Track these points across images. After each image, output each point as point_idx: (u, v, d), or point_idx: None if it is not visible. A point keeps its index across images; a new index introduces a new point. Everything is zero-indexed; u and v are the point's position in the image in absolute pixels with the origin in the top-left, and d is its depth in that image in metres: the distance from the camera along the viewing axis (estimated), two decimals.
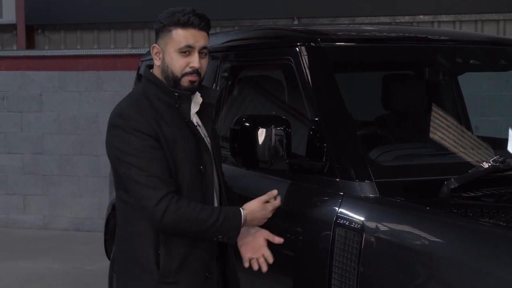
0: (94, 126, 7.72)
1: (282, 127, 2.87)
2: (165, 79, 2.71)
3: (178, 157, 2.65)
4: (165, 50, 2.69)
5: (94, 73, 7.68)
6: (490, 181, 2.79)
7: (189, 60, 2.67)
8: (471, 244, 2.31)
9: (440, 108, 3.80)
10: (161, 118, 2.64)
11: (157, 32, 2.74)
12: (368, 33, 3.56)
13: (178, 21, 2.66)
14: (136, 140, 2.58)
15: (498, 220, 2.44)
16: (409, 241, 2.43)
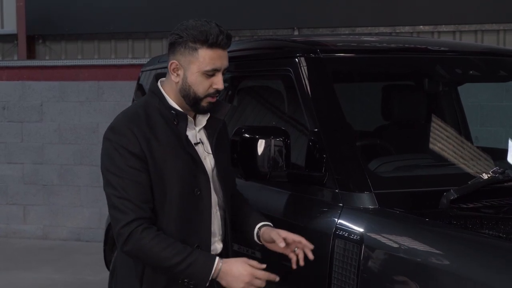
0: (94, 136, 7.72)
1: (282, 138, 2.87)
2: (183, 97, 2.59)
3: (167, 177, 2.53)
4: (187, 68, 2.56)
5: (94, 83, 7.69)
6: (490, 192, 2.79)
7: (213, 81, 2.57)
8: (471, 256, 2.30)
9: (440, 118, 3.80)
10: (153, 135, 2.54)
11: (174, 46, 2.58)
12: (368, 44, 3.57)
13: (206, 40, 2.52)
14: (119, 158, 2.48)
15: (498, 231, 2.43)
16: (408, 252, 2.42)
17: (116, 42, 8.12)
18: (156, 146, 2.53)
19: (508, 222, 2.59)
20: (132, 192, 2.47)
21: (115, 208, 2.47)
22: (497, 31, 7.12)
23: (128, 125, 2.52)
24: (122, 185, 2.47)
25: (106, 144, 2.55)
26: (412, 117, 3.72)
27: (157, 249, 2.44)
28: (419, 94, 3.74)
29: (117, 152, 2.49)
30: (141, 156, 2.49)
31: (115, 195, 2.47)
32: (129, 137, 2.50)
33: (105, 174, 2.52)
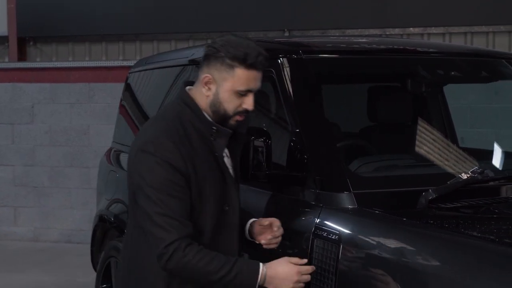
0: (85, 138, 7.72)
1: (263, 139, 2.88)
2: (212, 113, 2.54)
3: (205, 195, 2.50)
4: (221, 84, 2.51)
5: (85, 85, 7.69)
6: (469, 192, 2.80)
7: (244, 100, 2.53)
8: (448, 255, 2.31)
9: (424, 119, 3.81)
10: (194, 151, 2.49)
11: (210, 59, 2.53)
12: (351, 45, 3.58)
13: (244, 60, 2.48)
14: (163, 172, 2.42)
15: (475, 231, 2.45)
16: (385, 252, 2.44)
17: (107, 44, 8.12)
18: (197, 163, 2.48)
19: (486, 221, 2.60)
20: (176, 209, 2.41)
21: (157, 226, 2.40)
22: (486, 33, 7.14)
23: (170, 138, 2.46)
24: (165, 202, 2.40)
25: (146, 158, 2.45)
26: (396, 118, 3.73)
27: (202, 264, 2.40)
28: (403, 95, 3.75)
29: (160, 166, 2.42)
30: (184, 172, 2.44)
31: (158, 212, 2.40)
32: (173, 151, 2.44)
33: (145, 189, 2.43)
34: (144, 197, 2.44)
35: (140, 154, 2.48)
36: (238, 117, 2.56)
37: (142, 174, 2.45)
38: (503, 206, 2.75)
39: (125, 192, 4.40)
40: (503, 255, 2.21)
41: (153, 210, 2.40)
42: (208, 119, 2.54)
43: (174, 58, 4.45)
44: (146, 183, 2.42)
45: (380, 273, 2.39)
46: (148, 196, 2.42)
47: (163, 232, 2.39)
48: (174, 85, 4.22)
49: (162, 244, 2.39)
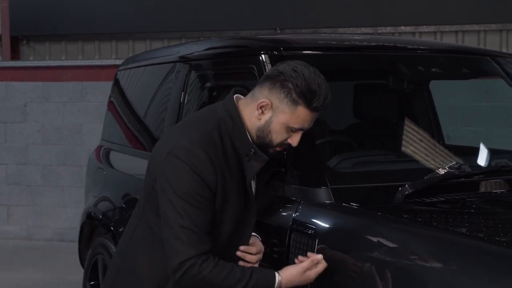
0: (77, 137, 7.74)
1: None
2: (256, 137, 2.44)
3: (225, 214, 2.42)
4: (277, 115, 2.40)
5: (78, 84, 7.70)
6: (446, 187, 2.82)
7: (292, 137, 2.45)
8: (423, 250, 2.33)
9: (407, 116, 3.82)
10: (226, 166, 2.39)
11: (274, 85, 2.39)
12: (333, 42, 3.59)
13: (311, 102, 2.38)
14: (192, 183, 2.32)
15: (451, 226, 2.45)
16: (360, 246, 2.45)
17: (100, 43, 8.13)
18: (227, 179, 2.40)
19: (462, 216, 2.62)
20: (198, 223, 2.32)
21: (176, 238, 2.31)
22: (478, 31, 7.15)
23: (206, 149, 2.36)
24: (189, 214, 2.31)
25: (177, 163, 2.34)
26: (379, 115, 3.74)
27: (219, 280, 2.32)
28: (386, 92, 3.76)
29: (190, 176, 2.32)
30: (213, 187, 2.36)
31: (180, 223, 2.31)
32: (206, 164, 2.34)
33: (170, 196, 2.34)
34: (167, 203, 2.35)
35: (171, 158, 2.36)
36: (278, 148, 2.49)
37: (169, 180, 2.35)
38: (479, 201, 2.76)
39: (113, 189, 4.48)
40: (475, 248, 2.22)
41: (176, 221, 2.32)
42: (249, 139, 2.43)
43: (161, 55, 4.47)
44: (172, 190, 2.33)
45: (355, 267, 2.41)
46: (173, 204, 2.33)
47: (182, 246, 2.31)
48: (162, 82, 4.24)
49: (178, 259, 2.31)
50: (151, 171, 2.48)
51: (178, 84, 3.93)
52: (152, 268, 2.49)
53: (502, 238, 2.22)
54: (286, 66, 2.42)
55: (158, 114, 4.21)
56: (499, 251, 2.16)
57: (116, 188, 4.44)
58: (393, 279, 2.27)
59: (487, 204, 2.74)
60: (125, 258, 2.61)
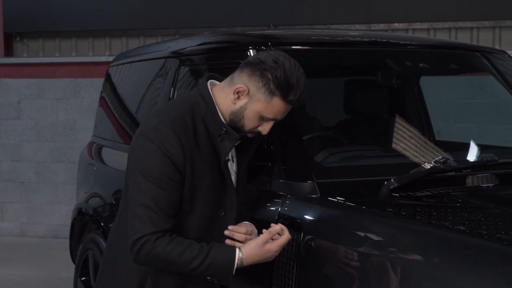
0: (71, 134, 7.74)
1: None
2: (229, 120, 2.44)
3: (197, 196, 2.41)
4: (252, 102, 2.41)
5: (71, 81, 7.70)
6: (432, 182, 2.83)
7: (263, 124, 2.46)
8: (408, 244, 2.34)
9: (395, 111, 3.84)
10: (198, 148, 2.39)
11: (254, 73, 2.39)
12: (321, 37, 3.60)
13: (288, 94, 2.38)
14: (159, 164, 2.32)
15: (435, 220, 2.46)
16: (345, 240, 2.46)
17: (93, 40, 8.13)
18: (197, 162, 2.39)
19: (445, 210, 2.62)
20: (161, 203, 2.32)
21: (136, 216, 2.32)
22: (471, 28, 7.16)
23: (176, 131, 2.36)
24: (152, 193, 2.31)
25: (145, 144, 2.35)
26: (367, 110, 3.75)
27: (173, 257, 2.32)
28: (375, 87, 3.77)
29: (158, 157, 2.32)
30: (181, 169, 2.35)
31: (141, 203, 2.31)
32: (175, 145, 2.34)
33: (136, 175, 2.34)
34: (133, 183, 2.36)
35: (141, 139, 2.38)
36: (250, 135, 2.50)
37: (137, 160, 2.37)
38: (463, 195, 2.77)
39: (103, 185, 4.48)
40: (457, 242, 2.23)
41: (138, 199, 2.33)
42: (221, 119, 2.44)
43: (152, 51, 4.47)
44: (139, 170, 2.34)
45: (340, 261, 2.42)
46: (138, 183, 2.34)
47: (140, 223, 2.31)
48: (153, 78, 4.25)
49: (135, 236, 2.32)
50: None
51: (168, 80, 3.93)
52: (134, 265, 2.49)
53: (484, 232, 2.23)
54: (267, 56, 2.42)
55: (149, 110, 4.21)
56: (480, 244, 2.17)
57: (107, 184, 4.45)
58: (378, 273, 2.28)
59: (471, 198, 2.75)
60: (111, 247, 2.64)
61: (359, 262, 2.35)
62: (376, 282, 2.27)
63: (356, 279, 2.33)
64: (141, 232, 2.31)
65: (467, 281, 2.01)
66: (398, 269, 2.22)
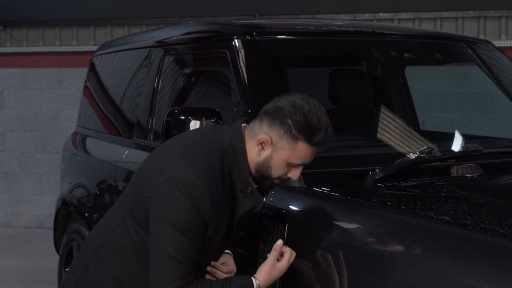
0: (55, 123, 7.69)
1: (214, 119, 2.89)
2: (255, 171, 2.39)
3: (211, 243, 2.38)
4: (277, 151, 2.35)
5: (55, 70, 7.65)
6: (417, 172, 2.83)
7: (292, 171, 2.40)
8: (392, 233, 2.34)
9: (381, 101, 3.84)
10: (222, 200, 2.34)
11: (274, 121, 2.33)
12: (307, 27, 3.59)
13: (311, 138, 2.32)
14: (189, 216, 2.27)
15: (420, 210, 2.46)
16: (329, 230, 2.45)
17: (77, 29, 8.05)
18: (220, 213, 2.35)
19: (430, 200, 2.62)
20: (188, 254, 2.28)
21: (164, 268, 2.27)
22: (456, 18, 7.16)
23: (209, 185, 2.29)
24: (181, 245, 2.26)
25: (177, 195, 2.28)
26: (352, 100, 3.75)
27: None
28: (359, 77, 3.76)
29: (190, 211, 2.27)
30: (208, 222, 2.32)
31: (170, 253, 2.26)
32: (208, 202, 2.29)
33: (165, 224, 2.28)
34: (161, 230, 2.30)
35: (173, 187, 2.29)
36: (276, 181, 2.44)
37: (167, 208, 2.30)
38: (448, 185, 2.77)
39: (88, 176, 4.45)
40: (441, 231, 2.23)
41: (166, 249, 2.27)
42: (249, 177, 2.39)
43: (136, 40, 4.45)
44: (168, 219, 2.28)
45: (325, 251, 2.41)
46: (166, 232, 2.28)
47: (167, 276, 2.26)
48: (137, 68, 4.22)
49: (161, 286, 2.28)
50: (145, 184, 2.41)
51: (153, 70, 3.91)
52: (122, 275, 2.46)
53: (468, 221, 2.23)
54: (284, 101, 2.36)
55: (133, 100, 4.19)
56: (464, 234, 2.17)
57: (91, 175, 4.42)
58: (362, 262, 2.27)
59: (456, 188, 2.76)
60: (97, 256, 2.54)
61: (344, 253, 2.35)
62: (361, 271, 2.26)
63: (341, 269, 2.33)
64: (170, 284, 2.26)
65: (452, 271, 2.01)
66: (382, 259, 2.22)
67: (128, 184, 2.59)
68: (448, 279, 2.01)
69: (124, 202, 2.54)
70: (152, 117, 3.82)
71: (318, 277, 2.39)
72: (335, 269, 2.34)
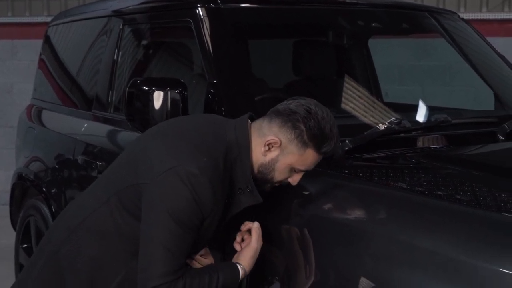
0: (8, 97, 7.50)
1: (178, 90, 2.80)
2: (258, 172, 2.34)
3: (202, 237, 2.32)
4: (284, 154, 2.29)
5: (8, 42, 7.44)
6: (386, 143, 2.79)
7: (294, 176, 2.34)
8: (362, 205, 2.30)
9: (345, 72, 3.80)
10: (221, 196, 2.28)
11: (285, 124, 2.27)
12: None
13: (321, 146, 2.28)
14: (189, 210, 2.19)
15: (389, 181, 2.42)
16: (299, 202, 2.41)
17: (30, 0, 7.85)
18: (219, 207, 2.30)
19: (402, 171, 2.59)
20: (182, 247, 2.21)
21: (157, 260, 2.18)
22: None
23: (212, 181, 2.22)
24: (176, 237, 2.19)
25: (179, 186, 2.19)
26: (318, 71, 3.70)
27: None
28: (325, 48, 3.72)
29: (190, 204, 2.19)
30: (206, 216, 2.25)
31: (164, 245, 2.18)
32: (209, 197, 2.22)
33: (162, 214, 2.19)
34: (156, 220, 2.21)
35: (174, 178, 2.20)
36: (277, 184, 2.38)
37: (165, 198, 2.21)
38: (419, 156, 2.74)
39: (45, 149, 4.33)
40: (416, 203, 2.20)
41: (161, 240, 2.19)
42: (249, 175, 2.32)
43: (94, 10, 4.32)
44: (166, 209, 2.19)
45: (295, 225, 2.36)
46: (162, 223, 2.19)
47: (159, 270, 2.17)
48: (95, 39, 4.11)
49: (152, 283, 2.17)
50: (140, 169, 2.30)
51: (112, 40, 3.80)
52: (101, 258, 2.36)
53: (442, 192, 2.20)
54: (299, 105, 2.30)
55: (92, 72, 4.08)
56: (439, 205, 2.14)
57: (48, 148, 4.30)
58: (334, 236, 2.23)
59: (427, 159, 2.73)
60: (73, 236, 2.41)
61: (316, 225, 2.30)
62: (333, 245, 2.21)
63: (311, 243, 2.28)
64: (160, 280, 2.17)
65: (428, 243, 1.98)
66: (356, 232, 2.18)
67: (114, 164, 2.47)
68: (423, 250, 1.97)
69: (108, 183, 2.42)
70: (112, 89, 3.71)
71: (288, 251, 2.34)
72: (306, 243, 2.29)
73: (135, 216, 2.30)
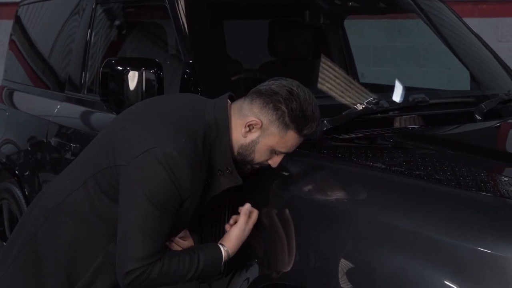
0: None
1: (154, 70, 2.77)
2: (237, 153, 2.30)
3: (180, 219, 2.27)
4: (265, 136, 2.26)
5: None
6: (364, 123, 2.77)
7: (274, 158, 2.30)
8: (342, 185, 2.28)
9: (322, 53, 3.77)
10: (200, 178, 2.24)
11: (267, 104, 2.23)
12: None
13: (303, 128, 2.24)
14: (166, 191, 2.15)
15: (367, 161, 2.40)
16: (278, 183, 2.39)
17: None
18: (198, 189, 2.26)
19: (381, 151, 2.57)
20: (161, 232, 2.18)
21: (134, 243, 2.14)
22: None
23: (191, 162, 2.18)
24: (154, 219, 2.15)
25: (157, 168, 2.15)
26: (295, 52, 3.67)
27: (169, 276, 2.20)
28: (302, 28, 3.69)
29: (168, 186, 2.15)
30: (184, 199, 2.21)
31: (142, 228, 2.13)
32: (187, 179, 2.17)
33: (140, 196, 2.15)
34: (134, 202, 2.17)
35: (152, 159, 2.16)
36: (256, 166, 2.35)
37: (143, 180, 2.16)
38: (397, 136, 2.73)
39: (17, 131, 4.26)
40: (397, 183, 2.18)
41: (138, 223, 2.15)
42: (230, 157, 2.29)
43: None
44: (144, 192, 2.15)
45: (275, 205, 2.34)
46: (140, 205, 2.15)
47: (136, 253, 2.14)
48: (67, 18, 4.03)
49: (128, 266, 2.15)
50: (117, 151, 2.25)
51: (84, 20, 3.73)
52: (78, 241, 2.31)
53: (422, 172, 2.19)
54: (281, 86, 2.26)
55: (64, 52, 4.01)
56: (419, 185, 2.13)
57: (20, 130, 4.23)
58: (315, 217, 2.21)
59: (405, 139, 2.71)
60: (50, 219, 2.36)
61: (295, 206, 2.28)
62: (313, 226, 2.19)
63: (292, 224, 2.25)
64: (136, 263, 2.14)
65: (409, 223, 1.96)
66: (336, 213, 2.16)
67: (90, 146, 2.41)
68: (404, 230, 1.96)
69: (85, 164, 2.36)
70: (85, 70, 3.65)
71: (268, 233, 2.32)
72: (286, 224, 2.27)
73: (112, 198, 2.26)
